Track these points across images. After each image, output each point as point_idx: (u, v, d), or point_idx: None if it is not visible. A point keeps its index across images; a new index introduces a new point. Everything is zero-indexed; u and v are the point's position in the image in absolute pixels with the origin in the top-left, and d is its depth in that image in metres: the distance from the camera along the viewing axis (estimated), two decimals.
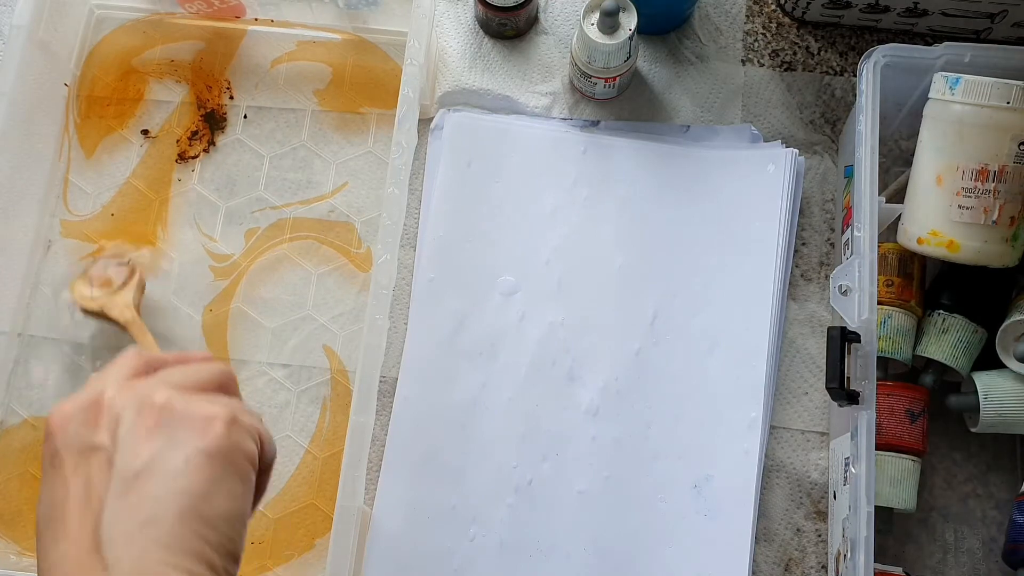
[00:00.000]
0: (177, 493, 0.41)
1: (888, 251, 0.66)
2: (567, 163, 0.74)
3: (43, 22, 0.71)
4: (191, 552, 0.41)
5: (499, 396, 0.70)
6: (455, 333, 0.71)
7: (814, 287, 0.72)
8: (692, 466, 0.68)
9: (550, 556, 0.67)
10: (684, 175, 0.74)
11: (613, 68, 0.71)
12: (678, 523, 0.67)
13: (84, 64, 0.77)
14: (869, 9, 0.73)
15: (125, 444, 0.43)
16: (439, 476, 0.68)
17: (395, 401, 0.70)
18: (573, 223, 0.73)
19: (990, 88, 0.59)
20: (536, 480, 0.68)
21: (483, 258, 0.73)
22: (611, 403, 0.69)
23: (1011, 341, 0.64)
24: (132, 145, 0.76)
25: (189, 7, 0.76)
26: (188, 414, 0.44)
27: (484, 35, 0.78)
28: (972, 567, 0.67)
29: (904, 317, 0.66)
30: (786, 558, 0.67)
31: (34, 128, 0.73)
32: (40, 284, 0.73)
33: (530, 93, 0.76)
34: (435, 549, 0.67)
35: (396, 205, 0.64)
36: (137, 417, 0.43)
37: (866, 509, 0.56)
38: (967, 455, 0.69)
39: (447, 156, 0.75)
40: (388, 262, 0.62)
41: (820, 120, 0.75)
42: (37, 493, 0.68)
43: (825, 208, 0.74)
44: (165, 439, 0.43)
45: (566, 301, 0.71)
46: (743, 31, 0.77)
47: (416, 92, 0.66)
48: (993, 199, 0.59)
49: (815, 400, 0.70)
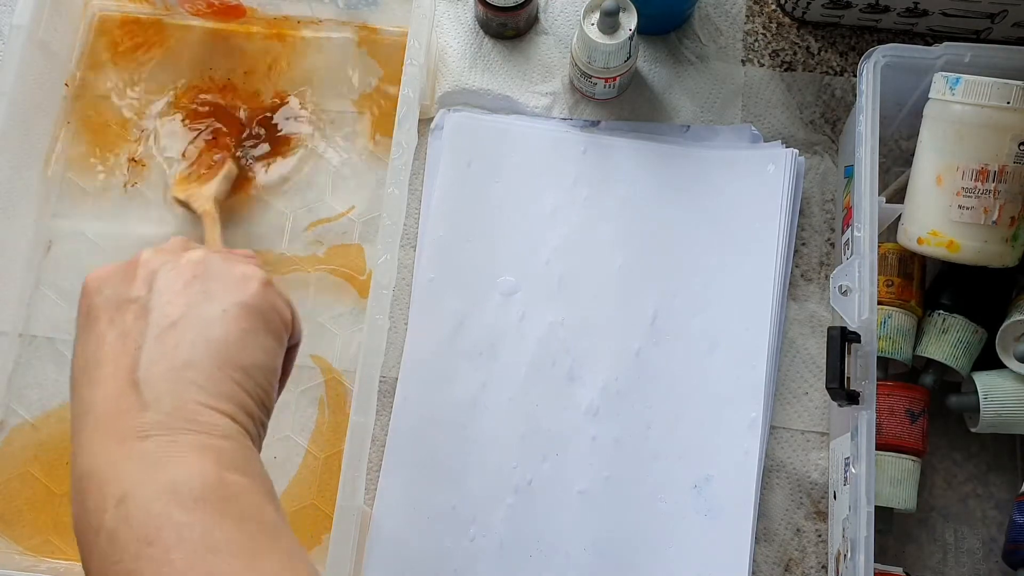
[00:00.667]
0: (214, 341, 0.42)
1: (888, 251, 0.66)
2: (567, 163, 0.74)
3: (43, 22, 0.71)
4: (228, 395, 0.41)
5: (499, 396, 0.70)
6: (455, 333, 0.71)
7: (814, 287, 0.72)
8: (692, 466, 0.68)
9: (550, 556, 0.67)
10: (684, 175, 0.74)
11: (613, 68, 0.71)
12: (678, 523, 0.67)
13: (84, 64, 0.77)
14: (869, 9, 0.73)
15: (161, 295, 0.43)
16: (439, 476, 0.68)
17: (395, 401, 0.70)
18: (573, 223, 0.73)
19: (990, 88, 0.59)
20: (536, 480, 0.68)
21: (483, 258, 0.73)
22: (611, 403, 0.69)
23: (1011, 341, 0.64)
24: (132, 145, 0.76)
25: (189, 7, 0.76)
26: (225, 271, 0.45)
27: (484, 35, 0.78)
28: (972, 567, 0.67)
29: (904, 317, 0.66)
30: (786, 558, 0.67)
31: (34, 128, 0.73)
32: (40, 284, 0.73)
33: (530, 93, 0.76)
34: (435, 549, 0.67)
35: (396, 205, 0.64)
36: (174, 271, 0.44)
37: (866, 509, 0.56)
38: (967, 455, 0.69)
39: (447, 156, 0.75)
40: (388, 262, 0.62)
41: (820, 120, 0.75)
42: (37, 494, 0.68)
43: (825, 208, 0.74)
44: (201, 291, 0.44)
45: (566, 301, 0.71)
46: (743, 31, 0.77)
47: (416, 92, 0.66)
48: (993, 199, 0.59)
49: (815, 400, 0.70)
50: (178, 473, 0.38)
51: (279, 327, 0.45)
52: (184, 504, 0.37)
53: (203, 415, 0.40)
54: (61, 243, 0.74)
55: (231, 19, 0.77)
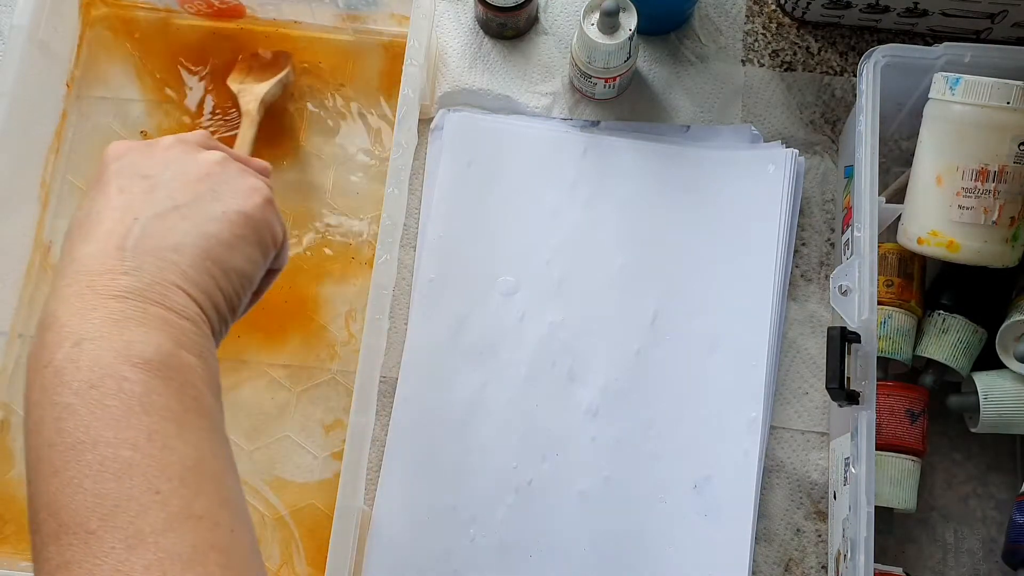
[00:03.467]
0: (206, 235, 0.45)
1: (888, 251, 0.66)
2: (567, 163, 0.74)
3: (43, 22, 0.71)
4: (203, 286, 0.44)
5: (499, 396, 0.70)
6: (455, 333, 0.71)
7: (814, 287, 0.72)
8: (692, 466, 0.68)
9: (550, 556, 0.67)
10: (684, 175, 0.74)
11: (613, 68, 0.71)
12: (678, 523, 0.67)
13: (84, 64, 0.77)
14: (869, 9, 0.73)
15: (174, 180, 0.46)
16: (439, 476, 0.68)
17: (395, 401, 0.70)
18: (573, 223, 0.73)
19: (990, 88, 0.59)
20: (536, 480, 0.68)
21: (483, 258, 0.73)
22: (611, 403, 0.69)
23: (1011, 341, 0.64)
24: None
25: (189, 7, 0.76)
26: (237, 177, 0.48)
27: (484, 35, 0.78)
28: (972, 567, 0.67)
29: (904, 317, 0.66)
30: (786, 558, 0.67)
31: (34, 128, 0.73)
32: (40, 284, 0.73)
33: (530, 93, 0.76)
34: (435, 549, 0.67)
35: (396, 205, 0.64)
36: (192, 163, 0.48)
37: (866, 509, 0.56)
38: (967, 455, 0.69)
39: (447, 156, 0.75)
40: (388, 262, 0.62)
41: (820, 120, 0.75)
42: None
43: (825, 208, 0.74)
44: (210, 189, 0.47)
45: (566, 301, 0.71)
46: (743, 31, 0.77)
47: (416, 92, 0.66)
48: (993, 199, 0.59)
49: (815, 400, 0.70)
50: (137, 335, 0.40)
51: (268, 243, 0.48)
52: (134, 363, 0.39)
53: (176, 295, 0.42)
54: (61, 243, 0.74)
55: (231, 19, 0.77)
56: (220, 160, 0.48)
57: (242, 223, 0.46)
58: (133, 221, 0.44)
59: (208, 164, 0.48)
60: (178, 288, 0.43)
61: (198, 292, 0.43)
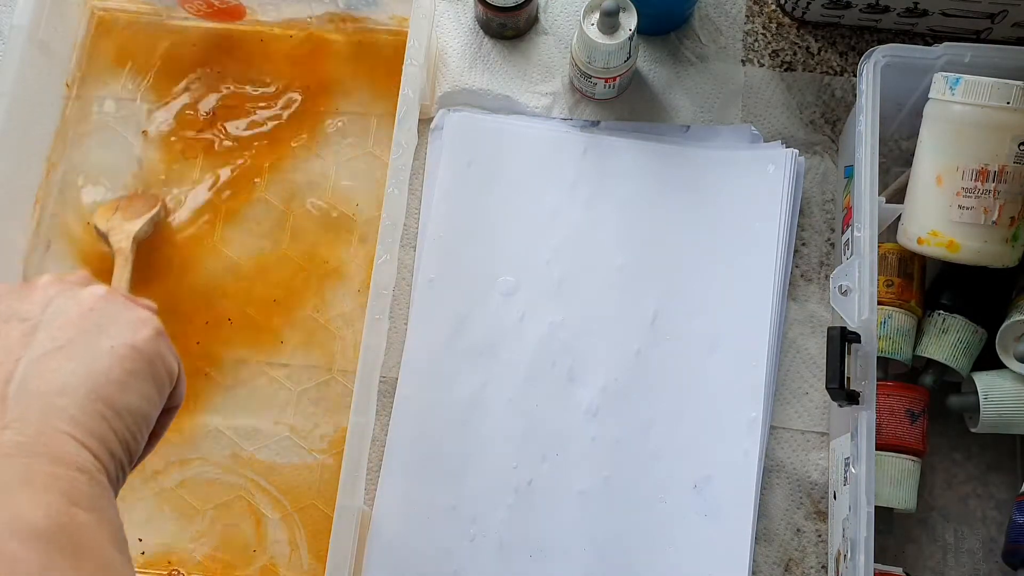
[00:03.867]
0: (94, 373, 0.41)
1: (888, 251, 0.66)
2: (567, 163, 0.74)
3: (43, 22, 0.71)
4: (94, 432, 0.40)
5: (499, 396, 0.70)
6: (455, 333, 0.71)
7: (814, 287, 0.72)
8: (692, 466, 0.68)
9: (550, 556, 0.67)
10: (684, 175, 0.74)
11: (613, 68, 0.71)
12: (678, 523, 0.67)
13: (84, 64, 0.77)
14: (869, 9, 0.73)
15: (54, 319, 0.43)
16: (439, 476, 0.68)
17: (395, 401, 0.70)
18: (573, 223, 0.73)
19: (990, 88, 0.59)
20: (536, 480, 0.68)
21: (483, 258, 0.73)
22: (611, 403, 0.69)
23: (1011, 341, 0.64)
24: (131, 146, 0.76)
25: (189, 7, 0.76)
26: (123, 311, 0.45)
27: (484, 35, 0.78)
28: (972, 567, 0.67)
29: (904, 317, 0.66)
30: (786, 558, 0.67)
31: (34, 128, 0.73)
32: None
33: (530, 93, 0.76)
34: (435, 549, 0.67)
35: (396, 205, 0.64)
36: (72, 300, 0.44)
37: (866, 509, 0.56)
38: (967, 455, 0.69)
39: (447, 156, 0.75)
40: (388, 262, 0.62)
41: (820, 120, 0.75)
42: None
43: (825, 208, 0.74)
44: (95, 324, 0.43)
45: (566, 301, 0.71)
46: (743, 31, 0.77)
47: (416, 92, 0.66)
48: (993, 199, 0.59)
49: (815, 400, 0.70)
50: (23, 500, 0.37)
51: (163, 378, 0.45)
52: (23, 538, 0.36)
53: (65, 444, 0.39)
54: (61, 243, 0.74)
55: (231, 19, 0.77)
56: (103, 295, 0.45)
57: (133, 358, 0.43)
58: (14, 364, 0.41)
59: (91, 299, 0.44)
60: (67, 436, 0.39)
61: (89, 438, 0.40)
